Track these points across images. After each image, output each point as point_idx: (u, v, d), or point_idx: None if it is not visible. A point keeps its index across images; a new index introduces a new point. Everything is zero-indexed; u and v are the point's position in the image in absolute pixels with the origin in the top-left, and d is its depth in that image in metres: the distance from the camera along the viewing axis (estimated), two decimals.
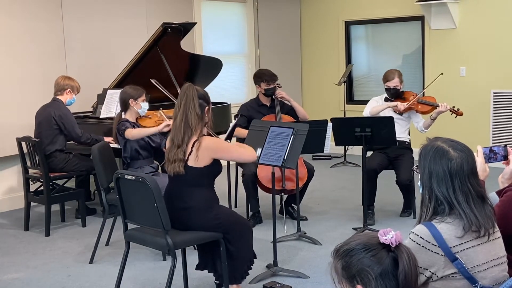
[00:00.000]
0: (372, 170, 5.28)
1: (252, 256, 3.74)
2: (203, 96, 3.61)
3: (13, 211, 6.13)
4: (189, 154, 3.48)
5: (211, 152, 3.49)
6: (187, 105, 3.51)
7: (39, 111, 5.49)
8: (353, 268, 1.62)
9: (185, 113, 3.50)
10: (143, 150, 4.75)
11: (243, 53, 8.69)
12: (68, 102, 5.52)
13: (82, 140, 5.45)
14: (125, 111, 4.76)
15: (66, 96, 5.48)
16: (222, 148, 3.58)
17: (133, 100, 4.71)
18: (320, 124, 4.89)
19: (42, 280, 4.28)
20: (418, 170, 2.17)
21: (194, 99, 3.51)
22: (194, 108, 3.50)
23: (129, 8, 7.05)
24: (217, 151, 3.52)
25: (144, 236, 3.64)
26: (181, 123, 3.50)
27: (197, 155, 3.47)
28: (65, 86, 5.47)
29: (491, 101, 7.50)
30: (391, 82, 5.50)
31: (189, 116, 3.49)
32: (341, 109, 8.47)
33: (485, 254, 2.08)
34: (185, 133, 3.49)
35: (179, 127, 3.51)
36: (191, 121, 3.49)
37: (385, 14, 8.38)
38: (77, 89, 5.57)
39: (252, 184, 5.24)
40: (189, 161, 3.49)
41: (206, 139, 3.52)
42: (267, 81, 5.43)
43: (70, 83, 5.50)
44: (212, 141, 3.55)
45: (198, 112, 3.51)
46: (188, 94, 3.53)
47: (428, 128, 5.48)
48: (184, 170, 3.48)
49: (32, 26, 6.20)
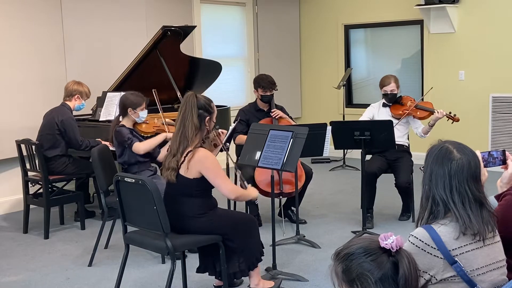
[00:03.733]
0: (372, 174, 5.29)
1: (260, 247, 3.78)
2: (204, 106, 3.55)
3: (12, 214, 6.13)
4: (181, 163, 3.49)
5: (200, 167, 3.46)
6: (185, 115, 3.50)
7: (47, 113, 5.50)
8: (353, 272, 1.62)
9: (183, 123, 3.50)
10: (140, 156, 4.74)
11: (242, 56, 8.70)
12: (76, 108, 5.53)
13: (82, 148, 5.44)
14: (123, 116, 4.77)
15: (74, 102, 5.50)
16: (210, 170, 3.48)
17: (131, 109, 4.72)
18: (319, 128, 4.90)
19: (40, 283, 4.28)
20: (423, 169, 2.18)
21: (193, 109, 3.49)
22: (192, 118, 3.48)
23: (128, 11, 7.06)
24: (205, 169, 3.47)
25: (144, 239, 3.64)
26: (178, 132, 3.51)
27: (187, 166, 3.46)
28: (73, 92, 5.47)
29: (490, 105, 7.51)
30: (388, 87, 5.52)
31: (186, 126, 3.49)
32: (340, 112, 8.48)
33: (484, 258, 2.08)
34: (181, 144, 3.49)
35: (176, 136, 3.52)
36: (188, 131, 3.48)
37: (384, 18, 8.40)
38: (86, 95, 5.57)
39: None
40: (180, 170, 3.50)
41: (201, 152, 3.48)
42: (264, 87, 5.42)
43: (79, 89, 5.50)
44: (205, 157, 3.48)
45: (196, 122, 3.49)
46: (188, 104, 3.51)
47: (427, 134, 5.50)
48: (175, 179, 3.50)
49: (32, 29, 6.20)
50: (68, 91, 5.49)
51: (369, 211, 5.34)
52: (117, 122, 4.78)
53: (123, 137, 4.65)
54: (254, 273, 3.75)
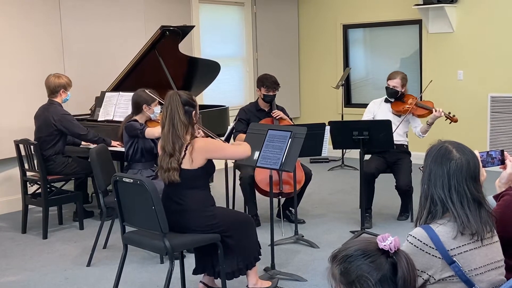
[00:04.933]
0: (370, 174, 5.29)
1: (258, 247, 3.80)
2: (188, 101, 3.58)
3: (11, 214, 6.12)
4: (183, 158, 3.50)
5: (204, 153, 3.52)
6: (172, 115, 3.52)
7: (37, 113, 5.47)
8: (352, 274, 1.62)
9: (172, 123, 3.52)
10: (146, 153, 4.77)
11: (241, 56, 8.70)
12: (64, 100, 5.49)
13: (88, 137, 5.42)
14: (137, 114, 4.78)
15: (60, 96, 5.44)
16: (215, 148, 3.63)
17: (146, 106, 4.75)
18: (318, 128, 4.90)
19: (39, 283, 4.27)
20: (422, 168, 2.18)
21: (179, 108, 3.52)
22: (180, 117, 3.51)
23: (127, 11, 7.05)
24: (210, 151, 3.56)
25: (142, 239, 3.64)
26: (169, 133, 3.52)
27: (191, 158, 3.49)
28: (57, 88, 5.40)
29: (489, 105, 7.52)
30: (392, 81, 5.52)
31: (176, 125, 3.51)
32: (338, 112, 8.48)
33: (482, 258, 2.08)
34: (175, 143, 3.50)
35: (167, 136, 3.53)
36: (178, 130, 3.50)
37: (383, 17, 8.40)
38: (69, 85, 5.48)
39: (250, 187, 5.25)
40: (183, 164, 3.51)
41: (198, 141, 3.55)
42: (267, 87, 5.43)
43: (61, 83, 5.41)
44: (204, 142, 3.58)
45: (184, 120, 3.52)
46: (172, 104, 3.53)
47: (425, 134, 5.50)
48: (179, 178, 3.51)
49: (30, 29, 6.20)
50: (51, 89, 5.40)
51: (367, 211, 5.35)
52: (129, 120, 4.80)
53: (135, 127, 4.68)
54: (251, 273, 3.76)
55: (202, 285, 3.88)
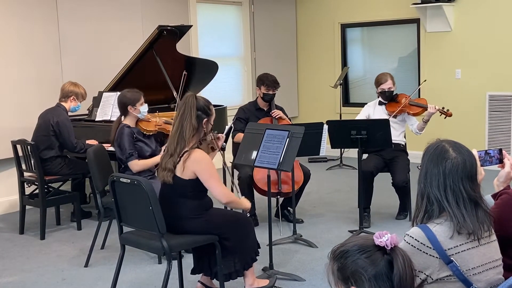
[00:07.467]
0: (369, 173, 5.28)
1: (256, 246, 3.77)
2: (203, 107, 3.54)
3: (8, 214, 6.11)
4: (178, 162, 3.48)
5: (195, 167, 3.44)
6: (184, 115, 3.50)
7: (42, 113, 5.48)
8: (347, 270, 1.62)
9: (181, 123, 3.49)
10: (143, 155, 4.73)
11: (239, 55, 8.69)
12: (72, 109, 5.51)
13: (76, 150, 5.41)
14: (125, 116, 4.75)
15: (70, 103, 5.47)
16: (205, 171, 3.47)
17: (131, 107, 4.69)
18: (316, 127, 4.90)
19: (36, 283, 4.26)
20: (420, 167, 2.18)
21: (192, 110, 3.49)
22: (190, 119, 3.48)
23: (124, 11, 7.04)
24: (200, 170, 3.46)
25: (140, 239, 3.63)
26: (176, 133, 3.50)
27: (183, 166, 3.45)
28: (69, 93, 5.44)
29: (487, 103, 7.52)
30: (385, 85, 5.51)
31: (184, 127, 3.48)
32: (337, 111, 8.47)
33: (480, 257, 2.08)
34: (178, 144, 3.48)
35: (173, 136, 3.51)
36: (185, 132, 3.47)
37: (380, 16, 8.40)
38: (82, 96, 5.54)
39: (248, 186, 5.24)
40: (177, 170, 3.49)
41: (197, 153, 3.47)
42: (267, 86, 5.43)
43: (75, 90, 5.47)
44: (201, 157, 3.47)
45: (194, 123, 3.48)
46: (187, 104, 3.51)
47: (422, 131, 5.51)
48: (172, 180, 3.49)
49: (27, 29, 6.18)
50: (64, 92, 5.47)
51: (366, 210, 5.34)
52: (119, 123, 4.74)
53: (124, 148, 4.58)
54: (248, 273, 3.74)
55: (200, 285, 3.86)
